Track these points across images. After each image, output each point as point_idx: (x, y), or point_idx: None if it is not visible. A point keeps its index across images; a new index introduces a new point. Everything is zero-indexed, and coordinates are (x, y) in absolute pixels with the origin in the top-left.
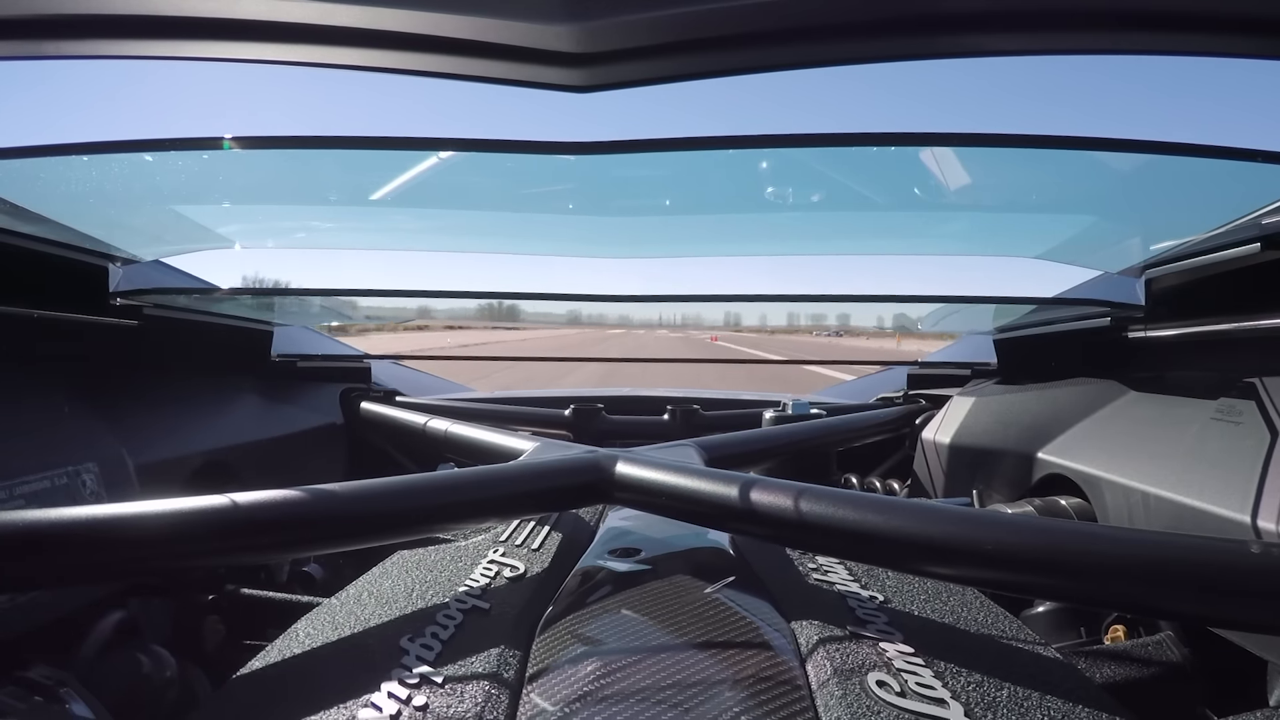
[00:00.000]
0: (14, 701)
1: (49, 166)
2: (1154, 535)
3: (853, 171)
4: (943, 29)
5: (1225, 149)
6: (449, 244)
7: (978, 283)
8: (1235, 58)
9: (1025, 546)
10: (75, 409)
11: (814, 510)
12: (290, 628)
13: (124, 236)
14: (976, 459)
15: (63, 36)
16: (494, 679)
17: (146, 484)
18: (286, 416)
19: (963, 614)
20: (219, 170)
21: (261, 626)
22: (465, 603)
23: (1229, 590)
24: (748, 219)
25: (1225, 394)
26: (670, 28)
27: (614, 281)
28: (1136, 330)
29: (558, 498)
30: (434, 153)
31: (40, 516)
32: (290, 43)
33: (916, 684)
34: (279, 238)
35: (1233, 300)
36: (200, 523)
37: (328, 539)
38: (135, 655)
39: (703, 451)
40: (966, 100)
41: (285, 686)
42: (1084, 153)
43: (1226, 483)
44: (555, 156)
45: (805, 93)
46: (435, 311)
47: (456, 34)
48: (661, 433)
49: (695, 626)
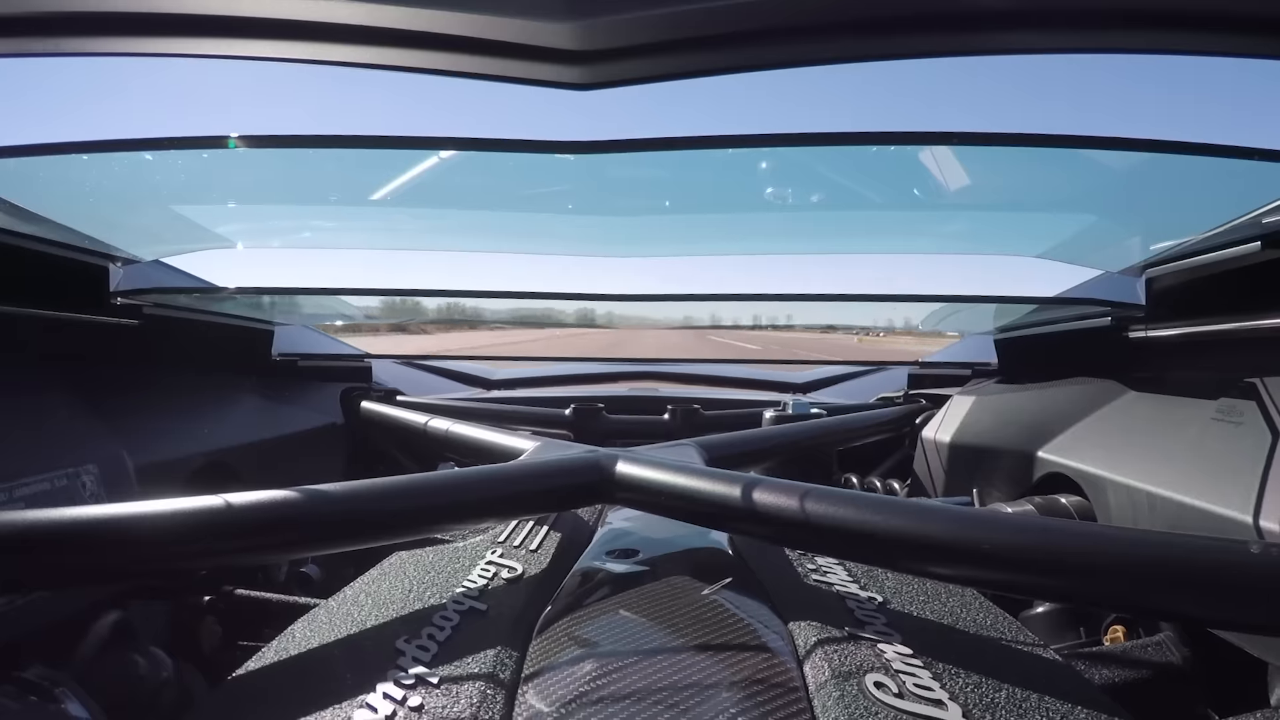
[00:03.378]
0: (10, 702)
1: (49, 165)
2: (1154, 535)
3: (853, 171)
4: (943, 27)
5: (1225, 147)
6: (449, 244)
7: (978, 282)
8: (1234, 57)
9: (1025, 546)
10: (75, 409)
11: (815, 510)
12: (287, 629)
13: (124, 236)
14: (977, 458)
15: (63, 34)
16: (490, 680)
17: (146, 485)
18: (287, 416)
19: (962, 615)
20: (219, 169)
21: (258, 628)
22: (462, 604)
23: (1229, 591)
24: (748, 218)
25: (1226, 393)
26: (671, 25)
27: (614, 281)
28: (1137, 330)
29: (558, 497)
30: (434, 152)
31: (36, 517)
32: (290, 40)
33: (915, 685)
34: (279, 237)
35: (1233, 299)
36: (199, 523)
37: (328, 539)
38: (132, 656)
39: (703, 451)
40: (967, 99)
41: (281, 688)
42: (1084, 152)
43: (1227, 482)
44: (555, 156)
45: (805, 92)
46: (437, 311)
47: (457, 31)
48: (662, 432)
49: (693, 628)
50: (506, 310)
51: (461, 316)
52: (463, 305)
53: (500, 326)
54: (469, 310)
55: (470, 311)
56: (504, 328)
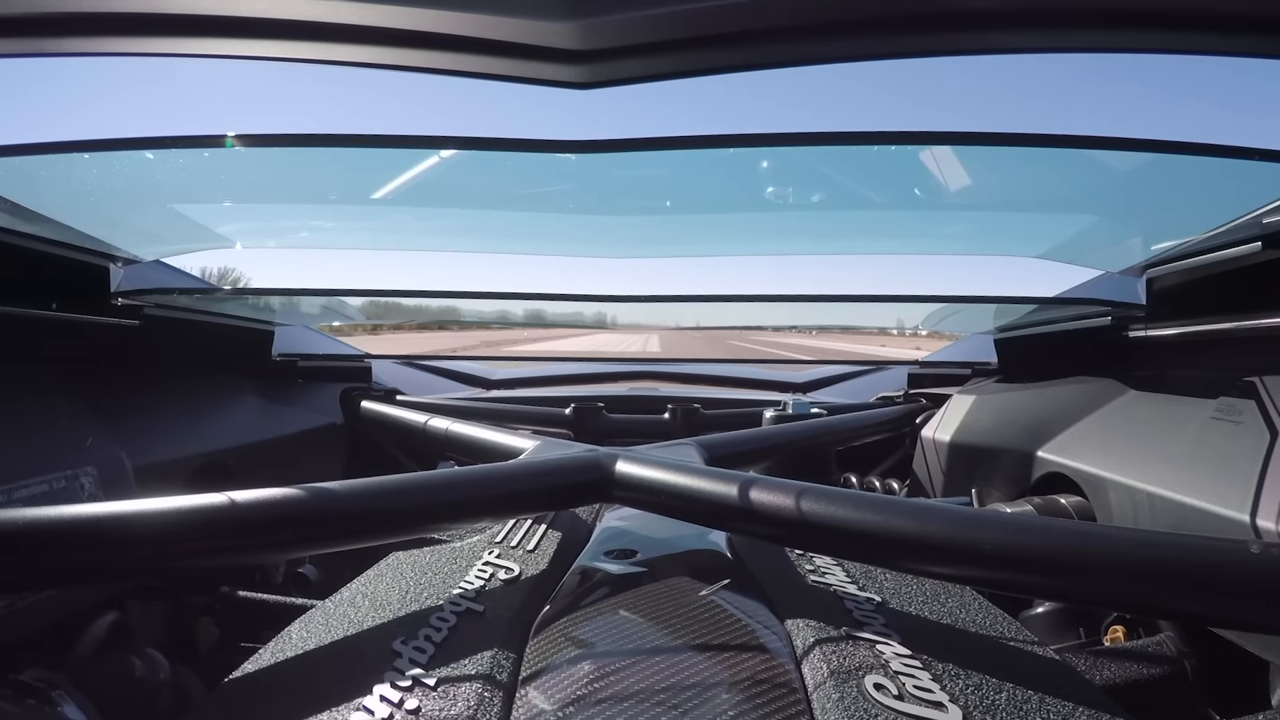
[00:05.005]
0: (6, 705)
1: (50, 164)
2: (1154, 535)
3: (854, 171)
4: (944, 26)
5: (1225, 148)
6: (449, 244)
7: (979, 282)
8: (1234, 56)
9: (1024, 546)
10: (75, 410)
11: (814, 510)
12: (284, 630)
13: (125, 236)
14: (976, 458)
15: (65, 34)
16: (487, 681)
17: (146, 485)
18: (287, 416)
19: (961, 615)
20: (220, 169)
21: (255, 629)
22: (459, 605)
23: (1228, 590)
24: (748, 219)
25: (1226, 393)
26: (671, 24)
27: (614, 282)
28: (1137, 329)
29: (558, 496)
30: (435, 152)
31: (32, 515)
32: (291, 40)
33: (914, 687)
34: (280, 237)
35: (1233, 299)
36: (197, 521)
37: (328, 538)
38: (128, 658)
39: (703, 450)
40: (967, 99)
41: (277, 689)
42: (1084, 152)
43: (1227, 482)
44: (556, 156)
45: (805, 91)
46: (436, 312)
47: (456, 30)
48: (662, 432)
49: (690, 628)
50: (506, 311)
51: (461, 317)
52: (462, 306)
53: (500, 327)
54: (469, 311)
55: (470, 312)
56: (504, 328)
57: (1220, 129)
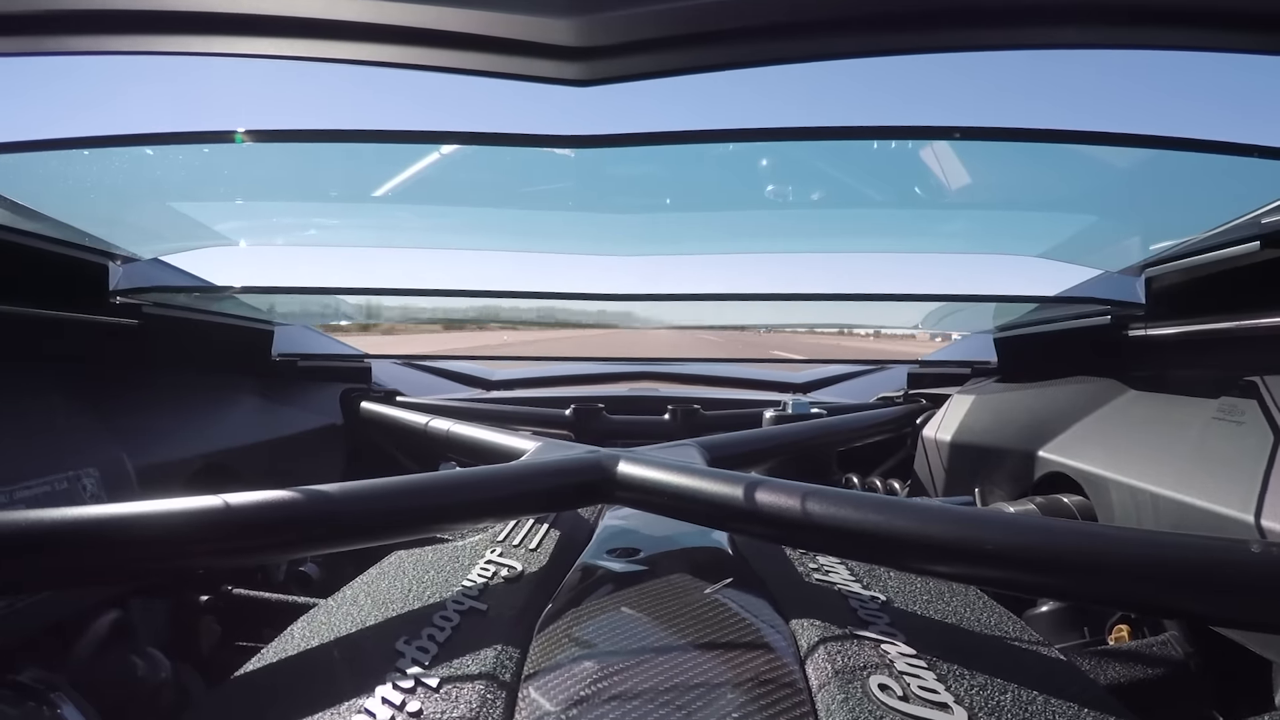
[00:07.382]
0: (5, 706)
1: (48, 161)
2: (1157, 535)
3: (854, 169)
4: (944, 22)
5: (1225, 144)
6: (450, 242)
7: (978, 281)
8: (1234, 53)
9: (1028, 545)
10: (75, 410)
11: (816, 510)
12: (286, 629)
13: (124, 234)
14: (977, 458)
15: (68, 32)
16: (490, 681)
17: (147, 486)
18: (287, 417)
19: (965, 614)
20: (219, 166)
21: (257, 628)
22: (462, 604)
23: (1230, 590)
24: (748, 216)
25: (1227, 393)
26: (671, 21)
27: (614, 280)
28: (1137, 329)
29: (560, 497)
30: (435, 148)
31: (34, 517)
32: (290, 37)
33: (919, 687)
34: (279, 235)
35: (1233, 298)
36: (199, 523)
37: (328, 539)
38: (129, 657)
39: (704, 451)
40: (967, 96)
41: (279, 690)
42: (1084, 152)
43: (1228, 482)
44: (556, 153)
45: (806, 88)
46: (436, 311)
47: (457, 28)
48: (662, 432)
49: (694, 627)
50: (507, 310)
51: (461, 316)
52: (462, 305)
53: (501, 326)
54: (469, 310)
55: (470, 311)
56: (504, 327)
57: (1220, 127)
